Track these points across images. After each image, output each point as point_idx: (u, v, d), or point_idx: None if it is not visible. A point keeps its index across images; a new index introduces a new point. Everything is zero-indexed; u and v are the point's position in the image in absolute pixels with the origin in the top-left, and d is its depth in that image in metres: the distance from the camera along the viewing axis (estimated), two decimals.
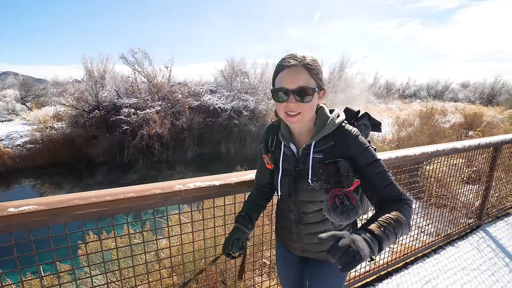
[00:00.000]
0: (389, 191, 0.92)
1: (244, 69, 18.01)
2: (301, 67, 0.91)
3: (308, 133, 1.03)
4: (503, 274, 2.35)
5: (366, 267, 2.31)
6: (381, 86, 28.03)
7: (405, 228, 0.81)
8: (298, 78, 0.90)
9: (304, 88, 0.90)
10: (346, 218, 0.88)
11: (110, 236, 1.35)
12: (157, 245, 1.43)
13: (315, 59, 0.95)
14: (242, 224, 1.14)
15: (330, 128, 0.98)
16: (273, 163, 1.10)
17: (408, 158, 2.16)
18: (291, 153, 1.05)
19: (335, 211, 0.88)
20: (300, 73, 0.91)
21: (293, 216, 1.10)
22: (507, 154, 3.31)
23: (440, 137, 8.11)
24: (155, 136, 13.32)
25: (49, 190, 10.75)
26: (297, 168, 1.03)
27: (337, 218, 0.88)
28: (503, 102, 23.04)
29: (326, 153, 0.98)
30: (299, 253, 1.19)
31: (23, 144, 12.40)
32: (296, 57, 0.92)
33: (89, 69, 15.30)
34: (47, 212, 1.07)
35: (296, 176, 1.03)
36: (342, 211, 0.88)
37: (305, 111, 0.94)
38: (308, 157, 0.99)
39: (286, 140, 1.05)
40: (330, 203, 0.89)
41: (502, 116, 12.28)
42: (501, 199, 3.52)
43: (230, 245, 1.09)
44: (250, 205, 1.21)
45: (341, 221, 0.89)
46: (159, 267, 1.47)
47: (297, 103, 0.91)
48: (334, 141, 0.97)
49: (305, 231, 1.11)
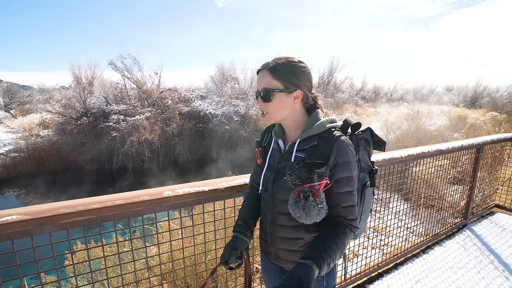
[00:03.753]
0: (344, 211, 0.94)
1: (234, 74, 18.12)
2: (266, 70, 0.98)
3: (296, 131, 1.05)
4: (488, 271, 2.42)
5: (357, 269, 2.33)
6: (369, 90, 28.65)
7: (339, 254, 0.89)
8: (262, 81, 0.99)
9: (266, 89, 0.97)
10: (307, 214, 0.87)
11: (98, 245, 1.33)
12: (146, 253, 1.41)
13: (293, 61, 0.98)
14: (240, 232, 1.09)
15: (317, 129, 0.98)
16: (262, 157, 1.12)
17: (395, 160, 2.21)
18: (278, 149, 1.07)
19: (296, 204, 0.88)
20: (264, 76, 0.98)
21: (270, 215, 1.09)
22: (489, 155, 3.43)
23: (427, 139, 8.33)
24: (145, 143, 13.15)
25: (34, 200, 10.41)
26: (280, 164, 1.05)
27: (297, 213, 0.88)
28: (485, 105, 23.92)
29: (308, 152, 0.98)
30: (274, 261, 1.15)
31: (7, 152, 12.01)
32: (268, 61, 1.00)
33: (77, 76, 15.06)
34: (31, 221, 1.04)
35: (277, 172, 1.04)
36: (304, 207, 0.87)
37: (270, 111, 0.99)
38: (291, 154, 1.00)
39: (277, 136, 1.09)
40: (294, 196, 0.89)
41: (484, 118, 12.72)
42: (485, 198, 3.63)
43: (228, 255, 1.02)
44: (245, 212, 1.17)
45: (301, 218, 0.88)
46: (149, 275, 1.45)
47: (263, 103, 0.99)
48: (317, 142, 0.97)
49: (278, 233, 1.07)
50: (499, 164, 3.71)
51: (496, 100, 24.37)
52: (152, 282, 1.81)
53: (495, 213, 3.59)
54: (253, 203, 1.19)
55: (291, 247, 1.05)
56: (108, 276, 1.33)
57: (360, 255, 2.41)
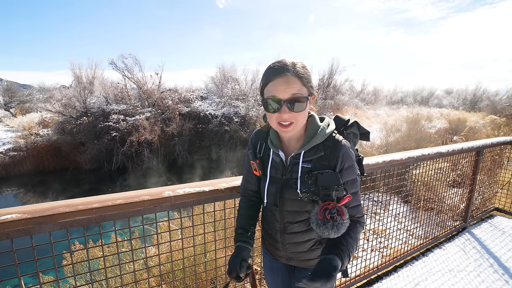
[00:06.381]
0: (353, 211, 0.99)
1: (235, 75, 18.13)
2: (293, 75, 0.88)
3: (298, 141, 1.02)
4: (488, 274, 2.41)
5: (356, 271, 2.33)
6: (369, 93, 28.70)
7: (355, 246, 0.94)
8: (291, 87, 0.87)
9: (297, 97, 0.88)
10: (336, 232, 0.87)
11: (97, 245, 1.32)
12: (145, 253, 1.40)
13: (304, 65, 0.93)
14: (243, 242, 1.06)
15: (320, 138, 0.97)
16: (261, 170, 1.07)
17: (395, 162, 2.21)
18: (280, 161, 1.03)
19: (325, 225, 0.86)
20: (292, 82, 0.88)
21: (278, 225, 1.08)
22: (488, 158, 3.44)
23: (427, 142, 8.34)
24: (145, 143, 13.14)
25: (32, 199, 10.39)
26: (284, 176, 1.02)
27: (326, 232, 0.87)
28: (484, 108, 23.99)
29: (315, 163, 0.96)
30: (285, 261, 1.16)
31: (6, 151, 11.99)
32: (287, 65, 0.89)
33: (77, 75, 15.07)
34: (31, 220, 1.04)
35: (283, 185, 1.01)
36: (333, 226, 0.86)
37: (298, 120, 0.92)
38: (297, 166, 0.98)
39: (275, 147, 1.03)
40: (321, 217, 0.87)
41: (483, 121, 12.74)
42: (485, 202, 3.63)
43: (238, 268, 0.99)
44: (243, 220, 1.13)
45: (330, 235, 0.87)
46: (148, 275, 1.44)
47: (291, 113, 0.89)
48: (324, 152, 0.96)
49: (290, 240, 1.08)
50: (499, 167, 3.72)
51: (495, 104, 24.44)
52: (150, 283, 1.80)
53: (495, 216, 3.59)
54: (250, 211, 1.17)
55: (303, 249, 1.09)
56: (107, 276, 1.32)
57: (360, 257, 2.40)
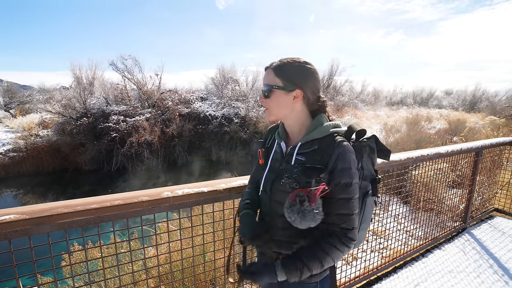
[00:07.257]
0: (336, 219, 0.92)
1: (235, 76, 18.14)
2: (270, 68, 1.02)
3: (299, 134, 1.05)
4: (488, 275, 2.41)
5: (356, 272, 2.32)
6: (369, 94, 28.72)
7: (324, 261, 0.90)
8: (265, 78, 1.02)
9: (268, 86, 1.00)
10: (302, 219, 0.86)
11: (96, 246, 1.32)
12: (144, 254, 1.40)
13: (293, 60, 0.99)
14: (247, 209, 1.09)
15: (319, 133, 0.97)
16: (264, 158, 1.11)
17: (395, 163, 2.21)
18: (280, 151, 1.07)
19: (291, 208, 0.87)
20: (268, 73, 1.02)
21: (266, 218, 1.08)
22: (488, 159, 3.44)
23: (426, 143, 8.35)
24: (145, 144, 13.14)
25: (32, 200, 10.38)
26: (280, 167, 1.04)
27: (292, 217, 0.87)
28: (484, 109, 24.03)
29: (308, 156, 0.97)
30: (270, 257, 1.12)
31: (6, 152, 11.99)
32: (274, 62, 1.03)
33: (77, 76, 15.08)
34: (29, 221, 1.04)
35: (277, 175, 1.03)
36: (299, 211, 0.86)
37: (271, 107, 1.02)
38: (292, 157, 1.00)
39: (280, 138, 1.08)
40: (290, 200, 0.89)
41: (483, 122, 12.76)
42: (484, 202, 3.63)
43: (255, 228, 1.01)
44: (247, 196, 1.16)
45: (296, 222, 0.87)
46: (147, 276, 1.44)
47: (264, 100, 1.03)
48: (317, 146, 0.97)
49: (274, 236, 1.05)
50: (498, 168, 3.72)
51: (494, 104, 24.49)
52: (149, 284, 1.80)
53: (494, 217, 3.59)
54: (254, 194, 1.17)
55: (286, 251, 1.03)
56: (105, 277, 1.32)
57: (359, 258, 2.40)
